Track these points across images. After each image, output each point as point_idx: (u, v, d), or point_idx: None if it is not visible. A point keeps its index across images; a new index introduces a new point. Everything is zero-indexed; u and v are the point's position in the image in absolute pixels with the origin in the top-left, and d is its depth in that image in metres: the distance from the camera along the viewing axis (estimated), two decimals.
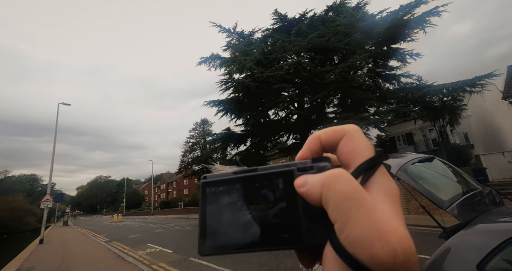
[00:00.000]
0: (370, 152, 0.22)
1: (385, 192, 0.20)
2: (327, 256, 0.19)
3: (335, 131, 0.24)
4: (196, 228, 3.94)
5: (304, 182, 0.21)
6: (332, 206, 0.19)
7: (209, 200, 0.24)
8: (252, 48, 15.68)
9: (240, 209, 0.23)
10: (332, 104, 16.70)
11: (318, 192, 0.20)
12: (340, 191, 0.19)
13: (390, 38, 14.83)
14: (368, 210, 0.18)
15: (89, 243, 12.83)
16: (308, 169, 0.23)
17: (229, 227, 0.22)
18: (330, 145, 0.24)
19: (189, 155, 37.21)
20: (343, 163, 0.23)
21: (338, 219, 0.19)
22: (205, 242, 0.23)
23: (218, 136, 16.92)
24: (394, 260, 0.17)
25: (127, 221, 30.52)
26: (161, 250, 9.06)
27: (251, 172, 0.24)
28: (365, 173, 0.21)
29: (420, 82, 15.50)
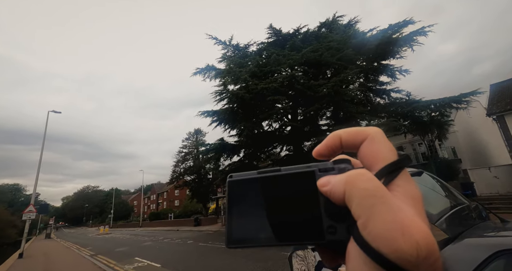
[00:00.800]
0: (393, 155, 0.22)
1: (407, 194, 0.20)
2: (351, 252, 0.20)
3: (358, 132, 0.24)
4: (186, 241, 3.91)
5: (327, 182, 0.22)
6: (356, 202, 0.20)
7: (235, 197, 0.25)
8: (247, 61, 16.01)
9: (263, 206, 0.24)
10: (325, 116, 17.01)
11: (341, 190, 0.21)
12: (363, 188, 0.20)
13: (380, 55, 15.45)
14: (391, 207, 0.19)
15: (72, 257, 12.24)
16: (329, 170, 0.24)
17: (253, 223, 0.24)
18: (350, 146, 0.24)
19: (181, 165, 36.71)
20: (365, 165, 0.23)
21: (361, 215, 0.19)
22: (232, 236, 0.24)
23: (212, 146, 16.86)
24: (417, 254, 0.17)
25: (114, 233, 29.43)
26: (149, 264, 8.72)
27: (275, 172, 0.25)
28: (388, 176, 0.21)
29: (409, 97, 16.04)
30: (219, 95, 15.67)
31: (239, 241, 0.24)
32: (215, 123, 16.52)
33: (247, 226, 0.24)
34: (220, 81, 16.01)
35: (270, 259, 7.54)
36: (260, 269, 6.51)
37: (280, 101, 14.61)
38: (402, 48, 15.15)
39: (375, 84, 16.61)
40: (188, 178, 35.66)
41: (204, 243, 12.62)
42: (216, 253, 9.61)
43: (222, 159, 18.09)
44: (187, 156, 37.03)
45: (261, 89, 13.34)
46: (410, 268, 0.17)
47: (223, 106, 16.17)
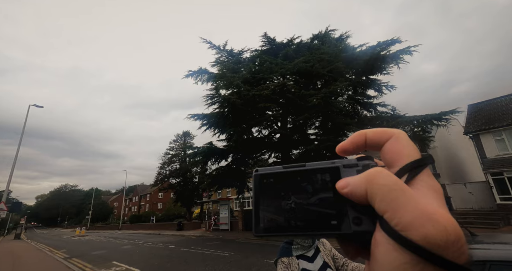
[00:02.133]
0: (416, 154, 0.24)
1: (430, 188, 0.22)
2: (380, 242, 0.21)
3: (383, 131, 0.26)
4: (168, 246, 3.95)
5: (346, 184, 0.23)
6: (379, 198, 0.21)
7: (261, 190, 0.27)
8: (240, 67, 16.21)
9: (289, 198, 0.25)
10: (314, 126, 17.36)
11: (363, 189, 0.22)
12: (384, 184, 0.21)
13: (368, 69, 16.09)
14: (413, 197, 0.20)
15: (44, 260, 11.63)
16: (353, 166, 0.25)
17: (279, 214, 0.25)
18: (374, 144, 0.26)
19: (167, 167, 36.00)
20: (387, 162, 0.25)
21: (387, 209, 0.20)
22: (259, 225, 0.26)
23: (200, 150, 16.75)
24: (446, 238, 0.18)
25: (91, 236, 28.19)
26: (127, 268, 8.45)
27: (300, 167, 0.26)
28: (412, 171, 0.23)
29: (394, 112, 16.71)
30: (211, 99, 15.71)
31: (266, 230, 0.25)
32: (205, 127, 16.48)
33: (273, 217, 0.25)
34: (212, 85, 16.07)
35: (253, 265, 7.52)
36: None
37: (271, 108, 14.83)
38: (389, 65, 15.86)
39: (363, 97, 17.21)
40: (174, 180, 34.98)
41: (187, 248, 12.37)
42: (199, 259, 9.45)
43: (210, 163, 17.99)
44: (173, 158, 36.42)
45: (253, 95, 13.52)
46: (440, 252, 0.18)
47: (214, 110, 16.19)
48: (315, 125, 17.35)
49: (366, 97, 17.30)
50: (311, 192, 0.25)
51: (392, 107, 17.05)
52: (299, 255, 1.66)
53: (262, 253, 8.60)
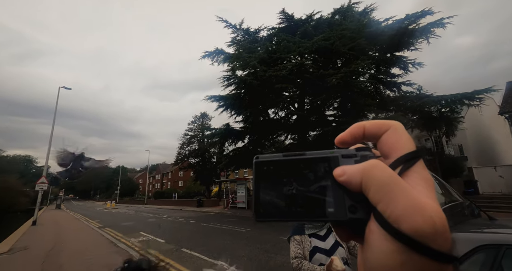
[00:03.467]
0: (412, 146, 0.25)
1: (422, 178, 0.23)
2: (373, 231, 0.22)
3: (381, 123, 0.27)
4: (189, 220, 4.21)
5: (343, 172, 0.24)
6: (373, 190, 0.22)
7: (261, 177, 0.27)
8: (256, 46, 15.75)
9: (288, 186, 0.26)
10: (332, 107, 16.86)
11: (358, 180, 0.23)
12: (379, 177, 0.22)
13: (394, 46, 14.97)
14: (406, 191, 0.21)
15: (81, 228, 12.97)
16: (352, 156, 0.26)
17: (279, 200, 0.26)
18: (372, 135, 0.27)
19: (186, 147, 37.27)
20: (383, 153, 0.26)
21: (380, 201, 0.22)
22: (259, 211, 0.26)
23: (217, 131, 17.05)
24: (434, 230, 0.20)
25: (120, 209, 30.66)
26: (153, 239, 9.23)
27: (300, 156, 0.27)
28: (407, 163, 0.24)
29: (420, 91, 15.70)
30: (227, 80, 15.61)
31: (266, 215, 0.26)
32: (222, 108, 16.59)
33: (273, 203, 0.26)
34: (229, 66, 15.88)
35: (269, 241, 7.89)
36: (259, 250, 6.85)
37: (288, 89, 14.50)
38: (417, 40, 14.63)
39: (386, 76, 16.24)
40: (193, 160, 36.34)
41: (206, 223, 13.15)
42: (217, 233, 10.06)
43: (227, 144, 18.35)
44: (192, 139, 37.49)
45: (270, 76, 13.23)
46: (428, 242, 0.20)
47: (230, 92, 16.16)
48: (334, 106, 16.83)
49: (389, 76, 16.31)
50: (310, 180, 0.26)
51: (418, 86, 16.01)
52: (312, 234, 1.73)
53: (277, 231, 8.97)
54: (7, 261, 6.41)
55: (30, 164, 63.67)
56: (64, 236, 10.20)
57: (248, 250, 6.98)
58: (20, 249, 7.71)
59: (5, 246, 8.12)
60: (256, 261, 5.89)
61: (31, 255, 6.92)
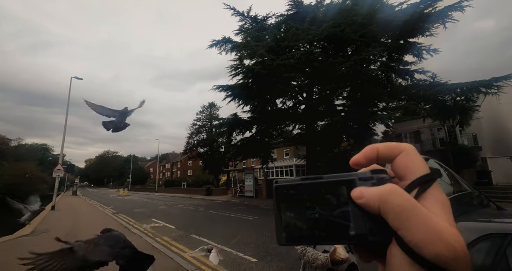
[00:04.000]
0: (425, 168, 0.25)
1: (439, 201, 0.24)
2: (395, 255, 0.23)
3: (394, 146, 0.27)
4: (198, 208, 4.34)
5: (361, 195, 0.25)
6: (392, 216, 0.23)
7: (281, 200, 0.28)
8: (264, 34, 15.43)
9: (308, 209, 0.27)
10: (341, 96, 16.55)
11: (376, 205, 0.24)
12: (396, 204, 0.23)
13: (408, 32, 14.35)
14: (424, 217, 0.22)
15: (97, 213, 13.58)
16: (368, 179, 0.26)
17: (301, 223, 0.27)
18: (386, 158, 0.27)
19: (195, 137, 37.76)
20: (398, 175, 0.27)
21: (399, 227, 0.22)
22: (282, 234, 0.27)
23: (225, 121, 17.11)
24: (455, 256, 0.20)
25: (132, 196, 31.75)
26: (164, 225, 9.58)
27: (317, 180, 0.28)
28: (422, 186, 0.24)
29: (434, 79, 15.11)
30: (235, 69, 15.49)
31: (290, 239, 0.27)
32: (229, 98, 16.57)
33: (295, 226, 0.27)
34: (236, 55, 15.70)
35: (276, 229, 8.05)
36: (266, 237, 7.03)
37: (296, 78, 14.27)
38: (433, 25, 13.95)
39: (398, 64, 15.68)
40: (201, 150, 36.87)
41: (215, 211, 13.50)
42: (226, 221, 10.34)
43: (235, 134, 18.44)
44: (200, 128, 37.87)
45: (278, 65, 13.03)
46: (450, 267, 0.20)
47: (238, 81, 16.06)
48: (343, 95, 16.50)
49: (402, 64, 15.74)
50: (329, 203, 0.26)
51: (432, 74, 15.39)
52: None
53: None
54: (30, 242, 6.84)
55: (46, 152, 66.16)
56: (81, 221, 10.73)
57: (256, 237, 7.17)
58: (42, 231, 8.19)
59: (29, 228, 8.64)
60: (263, 248, 6.05)
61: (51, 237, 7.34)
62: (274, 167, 25.00)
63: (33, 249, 1.37)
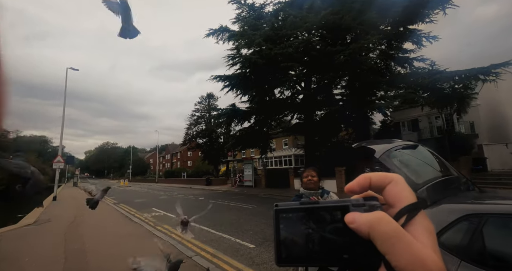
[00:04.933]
0: (412, 197, 0.29)
1: (425, 229, 0.26)
2: None
3: (385, 176, 0.30)
4: (198, 198, 4.49)
5: (353, 220, 0.27)
6: (379, 242, 0.25)
7: (281, 223, 0.31)
8: (262, 22, 15.17)
9: (306, 231, 0.29)
10: (340, 85, 16.47)
11: (366, 231, 0.26)
12: (383, 231, 0.25)
13: (408, 18, 14.14)
14: (409, 244, 0.24)
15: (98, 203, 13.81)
16: (361, 205, 0.28)
17: (298, 245, 0.29)
18: (377, 186, 0.30)
19: (193, 128, 37.76)
20: (388, 202, 0.29)
21: (386, 253, 0.25)
22: (281, 255, 0.29)
23: (223, 111, 17.09)
24: None
25: (133, 187, 32.12)
26: (165, 214, 9.79)
27: (315, 204, 0.30)
28: (409, 214, 0.27)
29: (433, 67, 15.03)
30: (232, 59, 15.32)
31: (288, 260, 0.29)
32: (227, 88, 16.49)
33: (293, 248, 0.29)
34: (233, 45, 15.48)
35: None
36: (264, 225, 7.22)
37: (294, 67, 14.15)
38: (433, 11, 13.71)
39: (397, 51, 15.54)
40: (200, 140, 36.98)
41: (215, 200, 13.75)
42: (225, 209, 10.56)
43: (233, 124, 18.46)
44: (199, 119, 37.82)
45: (275, 54, 12.89)
46: None
47: (235, 71, 15.92)
48: (341, 84, 16.42)
49: (401, 51, 15.60)
50: (325, 227, 0.29)
51: (431, 61, 15.28)
52: None
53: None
54: (34, 231, 7.03)
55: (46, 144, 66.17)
56: (82, 211, 10.93)
57: (254, 224, 7.37)
58: (44, 221, 8.38)
59: (31, 218, 8.82)
60: (261, 234, 6.24)
61: (54, 227, 7.54)
62: (273, 157, 25.19)
63: (36, 239, 1.37)
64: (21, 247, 5.45)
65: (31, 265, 4.31)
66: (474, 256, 1.64)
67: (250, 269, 4.14)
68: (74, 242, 5.77)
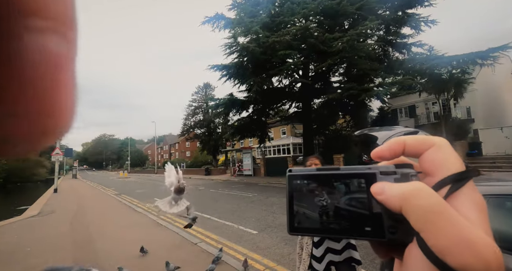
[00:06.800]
0: (461, 165, 0.22)
1: (473, 202, 0.21)
2: (415, 256, 0.21)
3: (425, 139, 0.24)
4: (198, 187, 4.61)
5: (382, 190, 0.22)
6: (414, 218, 0.20)
7: (294, 190, 0.27)
8: (258, 9, 14.78)
9: (324, 201, 0.25)
10: (338, 73, 16.36)
11: (397, 204, 0.21)
12: (420, 206, 0.20)
13: (406, 2, 13.86)
14: (454, 221, 0.19)
15: (100, 195, 13.96)
16: (391, 173, 0.23)
17: (313, 214, 0.26)
18: (414, 152, 0.25)
19: (191, 118, 37.59)
20: (426, 171, 0.24)
21: (422, 230, 0.19)
22: (293, 224, 0.26)
23: (221, 101, 16.96)
24: (487, 270, 0.17)
25: (132, 178, 32.30)
26: None
27: (334, 171, 0.26)
28: (456, 183, 0.21)
29: (431, 52, 14.93)
30: (229, 48, 15.04)
31: (299, 229, 0.26)
32: (225, 78, 16.29)
33: (307, 217, 0.26)
34: (230, 33, 15.14)
35: (275, 204, 8.46)
36: (265, 212, 7.40)
37: (292, 55, 13.96)
38: None
39: (395, 37, 15.35)
40: (199, 131, 36.92)
41: (215, 190, 13.94)
42: (226, 198, 10.74)
43: (231, 114, 18.39)
44: (196, 110, 37.58)
45: (273, 42, 12.67)
46: None
47: (233, 60, 15.67)
48: (339, 72, 16.31)
49: (399, 37, 15.41)
50: (346, 197, 0.25)
51: (429, 46, 15.16)
52: None
53: (282, 194, 9.53)
54: (38, 222, 7.15)
55: None
56: (85, 202, 11.07)
57: (256, 212, 7.54)
58: (48, 212, 8.50)
59: (34, 210, 8.94)
60: (263, 221, 6.41)
61: (59, 217, 7.66)
62: (272, 146, 25.34)
63: (42, 229, 1.37)
64: (29, 237, 5.56)
65: (41, 254, 4.43)
66: None
67: (255, 253, 4.30)
68: (81, 232, 5.89)
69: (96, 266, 1.97)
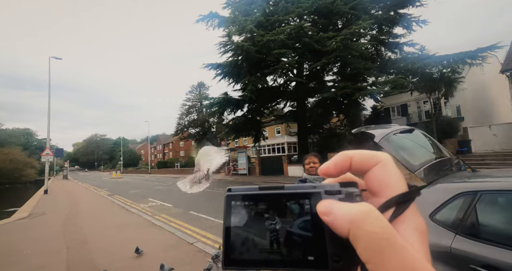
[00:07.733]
0: (404, 185, 0.22)
1: (416, 228, 0.20)
2: None
3: (371, 156, 0.23)
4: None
5: (329, 211, 0.20)
6: (362, 245, 0.18)
7: (233, 213, 0.24)
8: (253, 8, 14.75)
9: (264, 226, 0.23)
10: (332, 72, 16.48)
11: (345, 228, 0.19)
12: (370, 232, 0.18)
13: (399, 2, 14.05)
14: (401, 251, 0.18)
15: (92, 196, 13.71)
16: (335, 193, 0.22)
17: (252, 243, 0.22)
18: (360, 168, 0.23)
19: (185, 118, 37.28)
20: (371, 189, 0.23)
21: (370, 260, 0.18)
22: (229, 256, 0.23)
23: (216, 100, 16.88)
24: None
25: (125, 178, 31.85)
26: (162, 204, 9.85)
27: (278, 190, 0.23)
28: (398, 207, 0.21)
29: (422, 52, 15.19)
30: (223, 46, 14.97)
31: (236, 262, 0.23)
32: (220, 77, 16.21)
33: (245, 246, 0.23)
34: (224, 31, 15.06)
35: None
36: None
37: (286, 54, 13.99)
38: None
39: (388, 36, 15.56)
40: (193, 130, 36.67)
41: (210, 189, 13.68)
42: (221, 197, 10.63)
43: (226, 113, 18.33)
44: (190, 109, 37.30)
45: (267, 41, 12.68)
46: None
47: (227, 59, 15.60)
48: (333, 71, 16.43)
49: (392, 36, 15.63)
50: (288, 220, 0.22)
51: (421, 46, 15.43)
52: None
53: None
54: (29, 224, 6.96)
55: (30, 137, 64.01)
56: (77, 203, 10.86)
57: None
58: (39, 214, 8.29)
59: (24, 212, 8.70)
60: None
61: (50, 219, 7.49)
62: (266, 145, 25.37)
63: (33, 232, 1.36)
64: (20, 239, 5.42)
65: (35, 256, 4.32)
66: (467, 230, 1.78)
67: None
68: (74, 233, 5.77)
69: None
